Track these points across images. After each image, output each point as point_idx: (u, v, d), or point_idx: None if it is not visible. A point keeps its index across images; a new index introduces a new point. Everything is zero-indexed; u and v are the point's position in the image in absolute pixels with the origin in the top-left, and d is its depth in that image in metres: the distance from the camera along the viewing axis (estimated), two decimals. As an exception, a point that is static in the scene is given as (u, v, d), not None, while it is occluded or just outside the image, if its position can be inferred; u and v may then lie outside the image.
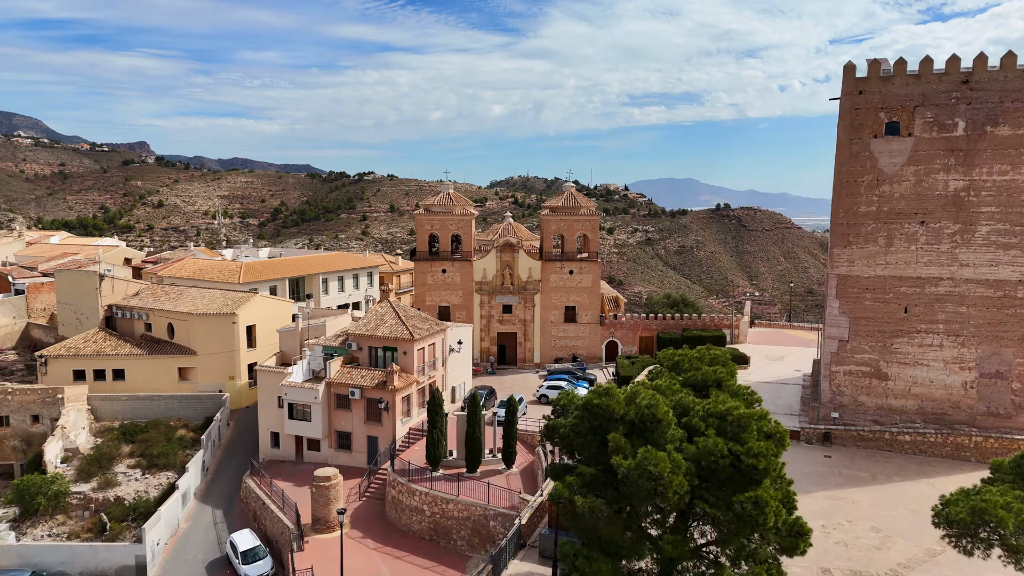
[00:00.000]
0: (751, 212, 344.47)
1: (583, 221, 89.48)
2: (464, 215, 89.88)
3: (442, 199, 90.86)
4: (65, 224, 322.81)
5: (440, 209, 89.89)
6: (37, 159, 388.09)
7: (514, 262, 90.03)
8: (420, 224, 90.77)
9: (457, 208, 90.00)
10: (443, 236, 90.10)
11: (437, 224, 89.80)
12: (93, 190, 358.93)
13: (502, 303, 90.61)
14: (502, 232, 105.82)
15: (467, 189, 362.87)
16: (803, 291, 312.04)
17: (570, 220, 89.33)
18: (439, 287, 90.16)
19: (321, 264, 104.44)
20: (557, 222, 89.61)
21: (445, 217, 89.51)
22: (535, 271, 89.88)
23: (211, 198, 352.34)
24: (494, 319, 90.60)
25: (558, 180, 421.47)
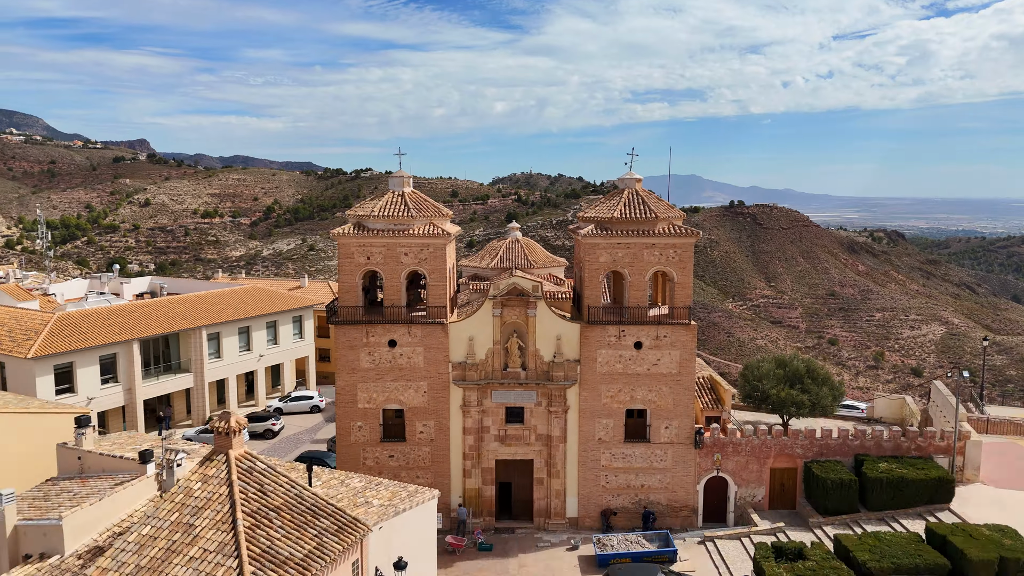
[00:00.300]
0: (766, 209, 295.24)
1: (663, 246, 41.60)
2: (431, 237, 41.63)
3: (389, 204, 42.78)
4: (47, 224, 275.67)
5: (385, 224, 42.03)
6: (27, 156, 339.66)
7: (528, 325, 42.19)
8: (346, 254, 42.47)
9: (418, 222, 42.19)
10: (390, 275, 42.12)
11: (379, 253, 41.95)
12: (80, 188, 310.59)
13: (504, 404, 42.63)
14: (503, 256, 57.38)
15: (469, 186, 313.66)
16: (825, 294, 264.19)
17: (637, 245, 41.44)
18: (383, 374, 42.24)
19: (213, 309, 56.04)
20: (611, 249, 41.66)
21: (394, 240, 41.74)
22: (568, 341, 41.98)
23: (201, 196, 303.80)
24: (489, 435, 42.76)
25: (562, 176, 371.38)
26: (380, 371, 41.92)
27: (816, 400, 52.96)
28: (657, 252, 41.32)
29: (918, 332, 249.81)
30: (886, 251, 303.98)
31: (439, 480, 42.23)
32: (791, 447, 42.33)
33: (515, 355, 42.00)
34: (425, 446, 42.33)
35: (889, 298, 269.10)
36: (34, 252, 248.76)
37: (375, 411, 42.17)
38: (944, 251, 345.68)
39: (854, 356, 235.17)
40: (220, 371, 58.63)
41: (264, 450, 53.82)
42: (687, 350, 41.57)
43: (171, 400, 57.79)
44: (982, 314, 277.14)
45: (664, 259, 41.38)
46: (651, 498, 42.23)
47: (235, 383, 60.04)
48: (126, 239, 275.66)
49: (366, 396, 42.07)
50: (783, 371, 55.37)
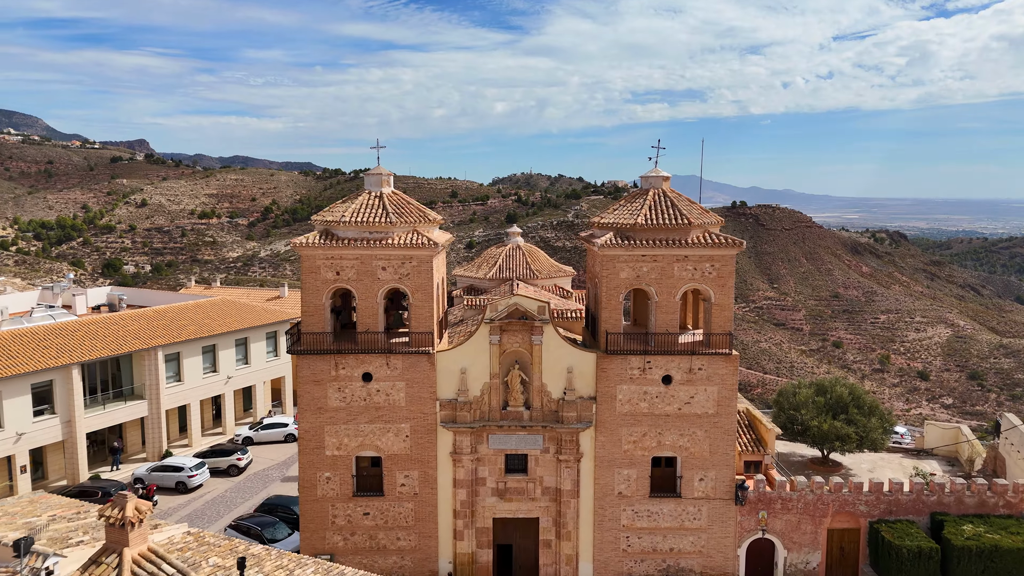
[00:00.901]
0: (769, 210, 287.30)
1: (698, 258, 33.23)
2: (414, 248, 33.13)
3: (364, 208, 34.55)
4: (43, 224, 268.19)
5: (358, 232, 33.92)
6: (24, 156, 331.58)
7: (532, 355, 34.05)
8: (310, 269, 34.25)
9: (398, 229, 34.00)
10: (365, 294, 33.90)
11: (351, 267, 33.78)
12: (76, 188, 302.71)
13: (504, 450, 34.45)
14: (503, 264, 49.49)
15: (468, 187, 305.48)
16: (828, 295, 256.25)
17: (666, 258, 33.21)
18: (356, 414, 34.09)
19: (172, 326, 48.00)
20: (634, 262, 33.44)
21: (369, 252, 33.64)
22: (581, 375, 33.84)
23: (198, 196, 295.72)
24: (485, 488, 34.63)
25: (562, 177, 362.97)
26: (352, 411, 33.74)
27: (864, 433, 44.93)
28: (690, 266, 33.12)
29: (923, 335, 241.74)
30: (889, 252, 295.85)
31: (424, 542, 34.09)
32: (853, 503, 34.12)
33: (517, 391, 33.82)
34: (407, 501, 34.16)
35: (893, 300, 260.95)
36: (28, 254, 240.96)
37: (346, 459, 33.97)
38: (946, 252, 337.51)
39: (859, 359, 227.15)
40: (181, 396, 50.44)
41: (228, 490, 45.69)
42: (727, 386, 33.37)
43: (123, 431, 49.62)
44: (987, 316, 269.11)
45: (699, 274, 33.17)
46: (682, 564, 34.05)
47: (198, 410, 51.87)
48: (122, 240, 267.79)
49: (335, 441, 33.87)
50: (824, 399, 47.27)
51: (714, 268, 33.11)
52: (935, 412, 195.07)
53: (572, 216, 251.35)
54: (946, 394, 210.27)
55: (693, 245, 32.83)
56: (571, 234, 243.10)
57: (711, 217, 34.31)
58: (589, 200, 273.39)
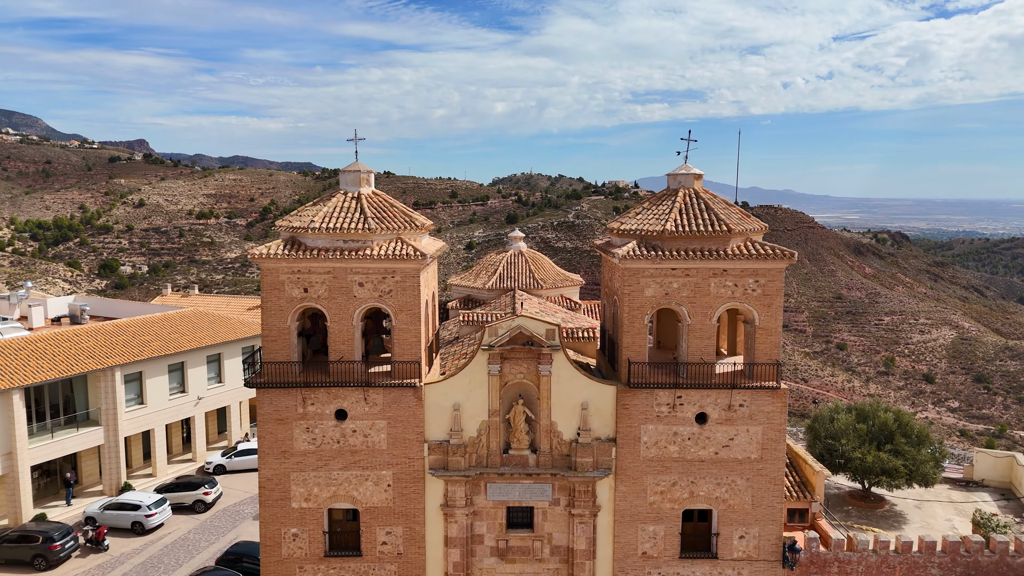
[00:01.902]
0: (771, 211, 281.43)
1: (740, 272, 26.98)
2: (397, 260, 26.64)
3: (338, 212, 28.10)
4: (39, 224, 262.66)
5: (330, 241, 27.83)
6: (23, 156, 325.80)
7: (540, 388, 28.04)
8: (272, 285, 27.97)
9: (379, 237, 27.66)
10: (339, 315, 27.37)
11: (322, 283, 27.73)
12: (74, 188, 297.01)
13: (505, 502, 28.44)
14: (504, 273, 43.60)
15: (468, 187, 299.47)
16: (832, 297, 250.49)
17: (701, 272, 27.12)
18: (328, 459, 28.09)
19: (133, 343, 41.95)
20: (662, 277, 27.29)
21: (344, 264, 27.46)
22: (598, 411, 27.85)
23: (196, 197, 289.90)
24: (483, 547, 28.56)
25: (562, 177, 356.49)
26: (324, 455, 27.70)
27: (914, 466, 38.93)
28: (730, 282, 27.06)
29: (928, 336, 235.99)
30: (892, 253, 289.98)
31: (410, 612, 28.05)
32: (924, 566, 28.03)
33: (521, 431, 27.79)
34: (390, 563, 28.10)
35: (897, 301, 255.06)
36: (24, 254, 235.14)
37: (317, 513, 27.92)
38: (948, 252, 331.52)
39: (864, 361, 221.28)
40: (143, 421, 44.43)
41: (192, 530, 39.64)
42: (773, 425, 27.33)
43: (78, 461, 43.58)
44: (991, 318, 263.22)
45: (740, 292, 27.12)
46: (718, 638, 28.06)
47: (164, 435, 45.81)
48: (119, 240, 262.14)
49: (303, 491, 27.82)
50: (866, 426, 41.23)
51: (758, 284, 27.06)
52: (941, 416, 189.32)
53: (573, 216, 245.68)
54: (952, 397, 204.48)
55: (733, 257, 26.77)
56: (572, 235, 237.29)
57: (753, 223, 28.26)
58: (590, 200, 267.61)
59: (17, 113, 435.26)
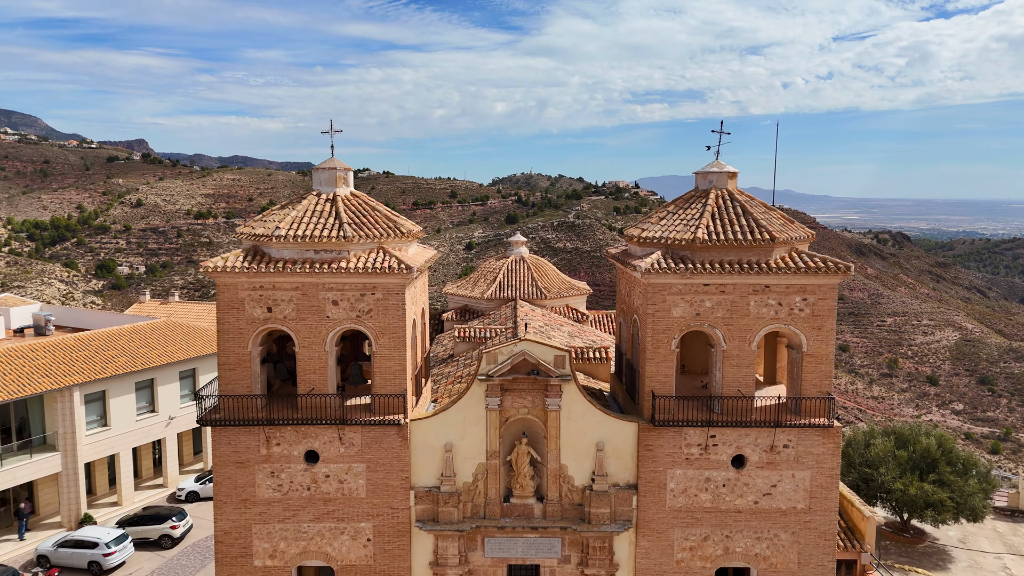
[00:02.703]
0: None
1: (785, 289, 22.31)
2: (378, 274, 21.91)
3: (309, 217, 23.22)
4: (36, 224, 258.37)
5: (299, 251, 22.98)
6: (21, 156, 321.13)
7: (547, 425, 23.49)
8: (230, 304, 23.18)
9: (356, 246, 22.80)
10: (309, 339, 22.61)
11: (289, 301, 22.95)
12: (72, 188, 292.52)
13: (506, 559, 23.90)
14: (504, 281, 39.18)
15: (468, 187, 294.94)
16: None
17: (739, 288, 22.29)
18: (296, 509, 23.65)
19: (95, 359, 37.35)
20: (693, 295, 22.48)
21: (315, 279, 22.69)
22: (616, 452, 23.34)
23: (194, 197, 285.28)
24: (481, 609, 24.03)
25: (562, 177, 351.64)
26: (291, 504, 23.16)
27: (961, 499, 34.42)
28: (773, 300, 22.53)
29: (931, 338, 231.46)
30: (894, 253, 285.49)
31: None
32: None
33: (524, 476, 23.25)
34: (370, 631, 23.57)
35: (900, 302, 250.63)
36: (20, 254, 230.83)
37: (283, 572, 23.36)
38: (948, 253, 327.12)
39: (867, 363, 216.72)
40: (106, 445, 39.90)
41: (156, 570, 35.09)
42: (824, 470, 22.79)
43: (35, 489, 39.03)
44: (994, 319, 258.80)
45: (785, 312, 22.58)
46: None
47: (130, 460, 41.25)
48: (117, 241, 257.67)
49: (268, 547, 23.28)
50: (906, 452, 36.72)
51: (807, 303, 22.51)
52: (946, 419, 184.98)
53: (573, 217, 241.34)
54: (956, 400, 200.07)
55: (777, 270, 22.22)
56: (572, 235, 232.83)
57: (798, 229, 23.70)
58: (590, 200, 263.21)
59: (17, 113, 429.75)
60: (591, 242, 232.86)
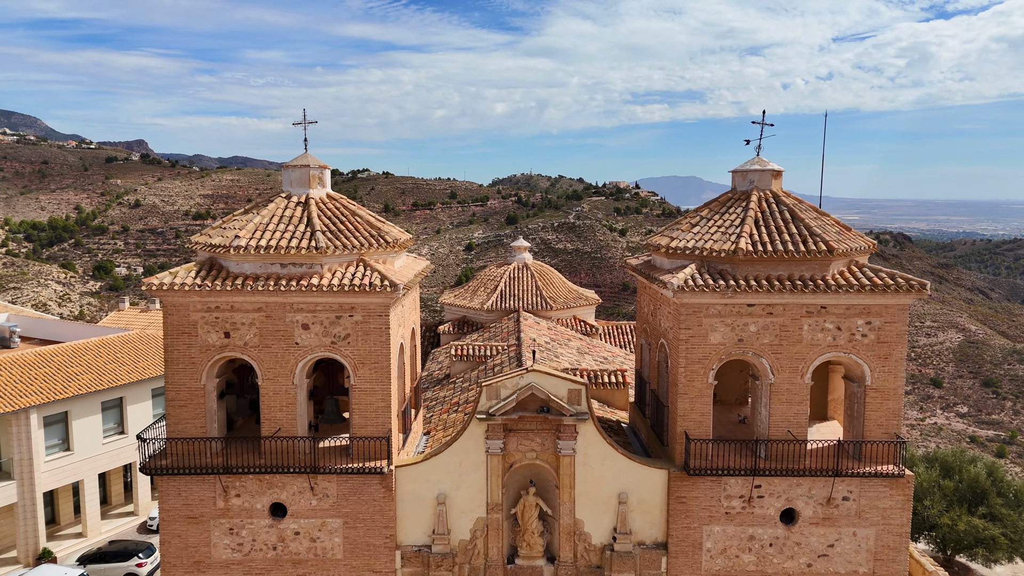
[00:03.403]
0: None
1: (844, 311, 18.28)
2: (357, 293, 17.97)
3: (276, 223, 19.13)
4: (34, 225, 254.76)
5: (262, 264, 18.79)
6: (19, 156, 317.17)
7: (559, 471, 19.54)
8: (179, 328, 18.83)
9: (331, 259, 18.73)
10: (275, 370, 18.54)
11: (250, 325, 18.65)
12: (70, 189, 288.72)
13: (512, 631, 20.00)
14: (505, 290, 35.21)
15: (468, 187, 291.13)
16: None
17: (789, 309, 18.15)
18: (261, 572, 19.76)
19: (57, 377, 33.21)
20: (735, 317, 18.39)
21: (282, 299, 18.54)
22: (643, 505, 19.38)
23: (193, 197, 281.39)
24: None
25: (562, 178, 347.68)
26: (254, 568, 19.19)
27: (1015, 535, 30.45)
28: (831, 323, 18.56)
29: (935, 340, 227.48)
30: (896, 254, 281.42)
31: None
32: None
33: (532, 532, 19.28)
34: None
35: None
36: (17, 255, 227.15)
37: (245, 648, 19.42)
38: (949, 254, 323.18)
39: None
40: (69, 471, 35.95)
41: (119, 614, 30.98)
42: (892, 527, 18.82)
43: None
44: (997, 320, 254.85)
45: (845, 337, 18.62)
46: None
47: (96, 487, 37.29)
48: (115, 241, 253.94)
49: (225, 618, 19.31)
50: (952, 483, 32.71)
51: (871, 327, 18.55)
52: (950, 421, 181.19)
53: (573, 217, 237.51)
54: (961, 402, 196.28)
55: (837, 288, 18.26)
56: (573, 236, 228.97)
57: (857, 239, 19.74)
58: (590, 201, 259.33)
59: (16, 113, 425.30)
60: (592, 243, 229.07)
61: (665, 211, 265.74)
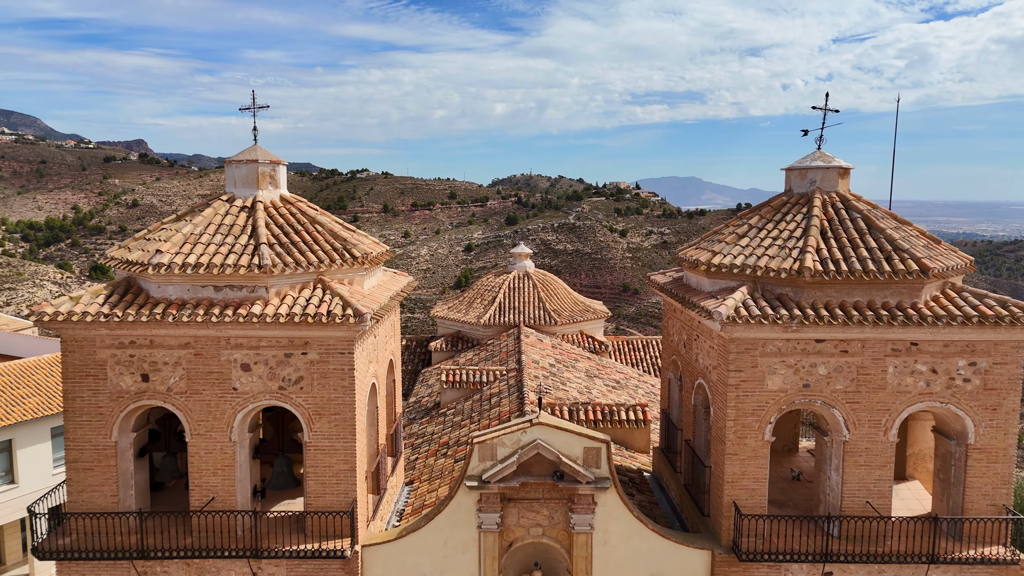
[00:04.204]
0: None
1: (943, 348, 13.82)
2: (313, 326, 13.56)
3: (211, 233, 14.80)
4: (31, 225, 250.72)
5: (190, 287, 14.17)
6: (17, 156, 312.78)
7: (570, 552, 15.04)
8: (84, 370, 14.08)
9: (279, 280, 14.22)
10: (207, 422, 14.09)
11: (177, 367, 14.04)
12: (68, 189, 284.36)
13: None
14: (504, 302, 30.73)
15: (467, 188, 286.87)
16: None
17: (871, 346, 13.68)
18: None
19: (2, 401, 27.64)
20: (798, 358, 13.88)
21: (215, 332, 13.91)
22: (674, 589, 15.05)
23: (191, 197, 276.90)
24: None
25: (562, 178, 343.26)
26: (181, 675, 14.82)
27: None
28: (923, 364, 14.19)
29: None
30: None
31: None
32: None
33: (538, 630, 14.90)
34: None
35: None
36: (14, 256, 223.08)
37: None
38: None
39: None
40: (13, 506, 31.55)
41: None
42: (1000, 627, 14.46)
43: (-81, 563, 30.72)
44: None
45: (942, 382, 14.25)
46: None
47: (45, 523, 32.81)
48: (112, 242, 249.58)
49: None
50: None
51: (975, 371, 14.18)
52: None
53: (574, 218, 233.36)
54: None
55: (934, 320, 13.88)
56: (573, 236, 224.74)
57: (951, 255, 15.37)
58: (590, 202, 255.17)
59: (16, 113, 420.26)
60: (592, 244, 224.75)
61: (666, 211, 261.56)
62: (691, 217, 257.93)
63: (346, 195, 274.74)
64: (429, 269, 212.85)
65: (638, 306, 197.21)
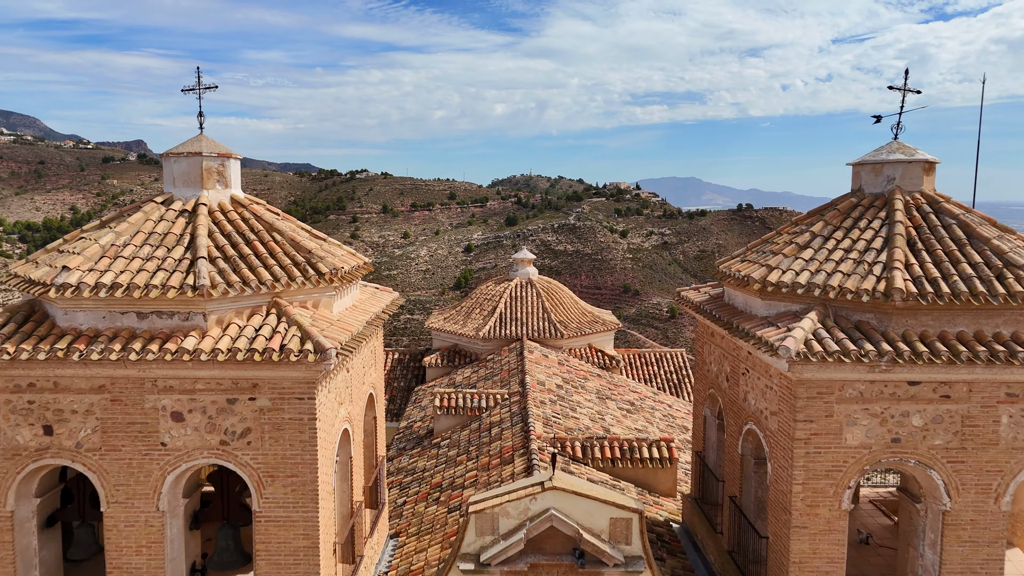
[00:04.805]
0: (776, 212, 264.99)
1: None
2: (264, 365, 10.28)
3: (138, 244, 11.43)
4: (28, 226, 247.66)
5: (108, 316, 10.83)
6: (15, 156, 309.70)
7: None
8: None
9: (219, 308, 10.84)
10: (127, 487, 10.71)
11: (89, 417, 10.53)
12: (66, 189, 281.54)
13: None
14: (506, 312, 27.16)
15: (467, 188, 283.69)
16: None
17: (978, 389, 10.26)
18: None
19: None
20: (886, 405, 10.39)
21: (137, 372, 10.44)
22: None
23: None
24: None
25: (562, 179, 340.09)
26: None
27: None
28: (1049, 415, 10.87)
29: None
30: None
31: None
32: None
33: None
34: None
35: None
36: (11, 257, 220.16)
37: None
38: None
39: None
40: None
41: None
42: None
43: None
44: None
45: (1071, 438, 10.94)
46: None
47: None
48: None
49: None
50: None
51: (1115, 420, 10.84)
52: None
53: (574, 219, 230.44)
54: None
55: (1063, 356, 10.56)
56: (573, 237, 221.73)
57: (1071, 270, 12.01)
58: (591, 202, 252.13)
59: (15, 114, 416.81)
60: (592, 244, 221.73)
61: (666, 212, 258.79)
62: (691, 217, 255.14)
63: (345, 196, 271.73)
64: (428, 270, 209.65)
65: (638, 307, 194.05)
